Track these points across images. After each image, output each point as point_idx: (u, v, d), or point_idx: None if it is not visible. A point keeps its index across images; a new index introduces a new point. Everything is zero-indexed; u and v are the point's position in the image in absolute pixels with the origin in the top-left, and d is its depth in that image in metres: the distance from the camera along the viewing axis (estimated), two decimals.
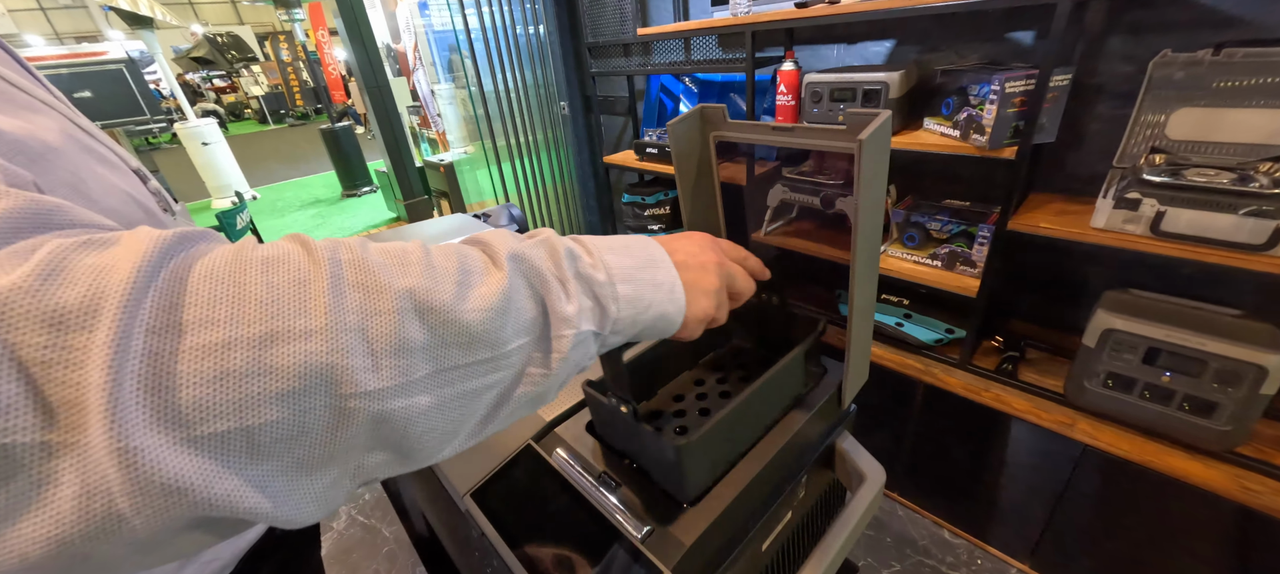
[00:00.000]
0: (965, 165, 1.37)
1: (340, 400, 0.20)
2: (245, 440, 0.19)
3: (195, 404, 0.18)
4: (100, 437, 0.16)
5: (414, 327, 0.22)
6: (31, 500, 0.16)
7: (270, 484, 0.20)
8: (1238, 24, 0.96)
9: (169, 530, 0.18)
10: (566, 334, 0.27)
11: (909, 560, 1.41)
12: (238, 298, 0.19)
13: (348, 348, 0.20)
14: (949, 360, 1.32)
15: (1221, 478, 0.97)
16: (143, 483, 0.17)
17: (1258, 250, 0.86)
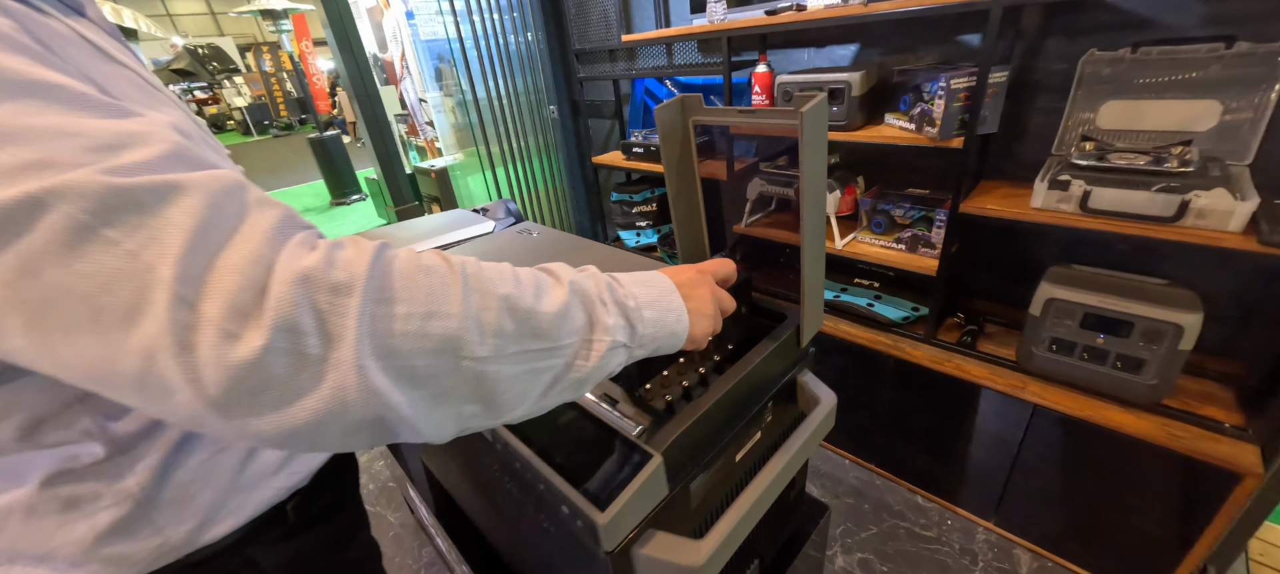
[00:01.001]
0: (923, 156, 1.50)
1: (460, 360, 0.31)
2: (411, 374, 0.29)
3: (391, 348, 0.28)
4: (349, 357, 0.27)
5: (506, 319, 0.33)
6: (310, 389, 0.26)
7: (417, 406, 0.30)
8: (1152, 26, 1.09)
9: (360, 422, 0.28)
10: (604, 340, 0.37)
11: (885, 524, 1.52)
12: (413, 288, 0.29)
13: (468, 328, 0.31)
14: (915, 336, 1.44)
15: (1151, 427, 1.09)
16: (363, 387, 0.27)
17: (1168, 222, 0.98)
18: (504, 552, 0.81)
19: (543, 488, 0.46)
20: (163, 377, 0.24)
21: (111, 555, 0.39)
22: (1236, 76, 1.00)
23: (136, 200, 0.24)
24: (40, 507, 0.37)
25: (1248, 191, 0.94)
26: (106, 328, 0.23)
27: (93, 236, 0.23)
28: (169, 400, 0.25)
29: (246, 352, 0.24)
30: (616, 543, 0.42)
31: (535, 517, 0.53)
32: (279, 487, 0.48)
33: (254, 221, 0.27)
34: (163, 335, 0.23)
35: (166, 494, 0.41)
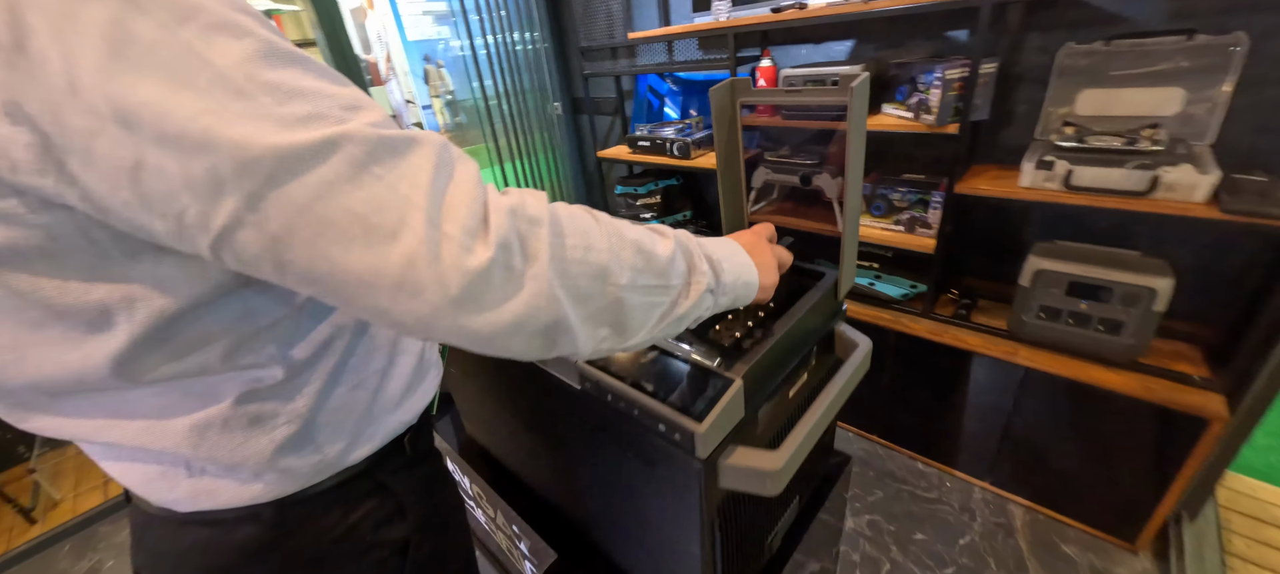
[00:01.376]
0: (918, 144, 1.60)
1: (607, 285, 0.38)
2: (578, 293, 0.36)
3: (567, 270, 0.35)
4: (543, 272, 0.34)
5: (636, 257, 0.40)
6: (514, 295, 0.33)
7: (579, 321, 0.37)
8: (1122, 20, 1.21)
9: (543, 327, 0.35)
10: (700, 284, 0.45)
11: (890, 489, 1.62)
12: (575, 226, 0.37)
13: (613, 260, 0.38)
14: (914, 311, 1.54)
15: (1130, 382, 1.21)
16: (550, 297, 0.34)
17: (1141, 195, 1.09)
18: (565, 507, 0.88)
19: (638, 413, 0.53)
20: (417, 279, 0.30)
21: (284, 467, 0.45)
22: (1198, 66, 1.12)
23: (392, 147, 0.31)
24: (233, 421, 0.42)
25: (1210, 167, 1.06)
26: (375, 241, 0.30)
27: (365, 172, 0.30)
28: (416, 299, 0.31)
29: (478, 261, 0.31)
30: (709, 451, 0.49)
31: (619, 451, 0.60)
32: (399, 421, 0.54)
33: (463, 170, 0.34)
34: (420, 246, 0.30)
35: (323, 417, 0.46)
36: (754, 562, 0.73)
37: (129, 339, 0.36)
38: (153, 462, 0.43)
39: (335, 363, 0.47)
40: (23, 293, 0.34)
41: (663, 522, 0.61)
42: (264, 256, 0.30)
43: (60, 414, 0.41)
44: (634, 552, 0.73)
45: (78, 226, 0.32)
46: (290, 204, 0.29)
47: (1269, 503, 1.47)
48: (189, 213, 0.29)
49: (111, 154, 0.27)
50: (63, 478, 2.07)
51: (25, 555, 1.78)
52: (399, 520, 0.54)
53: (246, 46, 0.29)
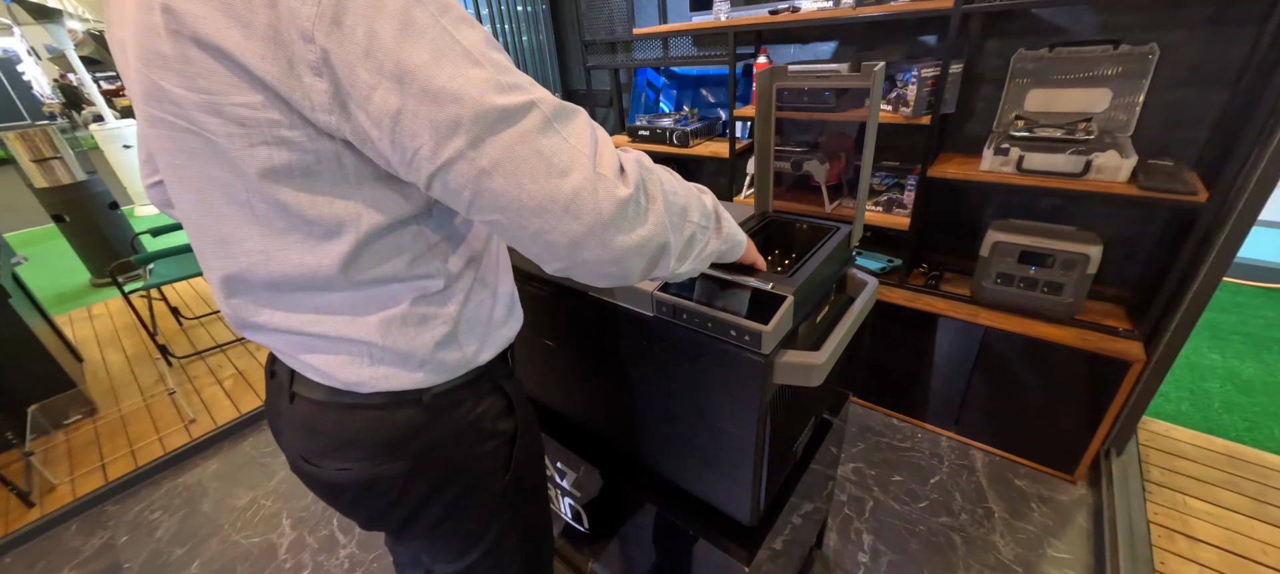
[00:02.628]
0: (894, 135, 1.81)
1: (686, 221, 0.52)
2: (674, 225, 0.49)
3: (668, 206, 0.48)
4: (660, 207, 0.47)
5: (698, 203, 0.55)
6: (643, 222, 0.45)
7: (675, 249, 0.50)
8: (1063, 31, 1.44)
9: (657, 248, 0.47)
10: (725, 227, 0.60)
11: (870, 440, 1.83)
12: (669, 180, 0.50)
13: (689, 203, 0.52)
14: (891, 283, 1.75)
15: (1068, 335, 1.44)
16: (662, 226, 0.47)
17: (1077, 177, 1.32)
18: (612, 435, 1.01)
19: (711, 325, 0.67)
20: (581, 204, 0.42)
21: (438, 360, 0.58)
22: (1121, 71, 1.36)
23: (566, 113, 0.44)
24: (408, 319, 0.54)
25: (1130, 153, 1.29)
26: (556, 174, 0.42)
27: (549, 128, 0.42)
28: (577, 221, 0.42)
29: (623, 193, 0.44)
30: (771, 347, 0.64)
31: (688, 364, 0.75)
32: (505, 336, 0.66)
33: (604, 133, 0.47)
34: (585, 181, 0.42)
35: (463, 322, 0.59)
36: (784, 463, 0.89)
37: (353, 244, 0.48)
38: (346, 351, 0.55)
39: (472, 280, 0.60)
40: (285, 204, 0.46)
41: (721, 419, 0.76)
42: (466, 186, 0.42)
43: (286, 309, 0.53)
44: (685, 458, 0.88)
45: (335, 154, 0.44)
46: (500, 145, 0.40)
47: (1179, 441, 1.75)
48: (424, 148, 0.40)
49: (383, 103, 0.39)
50: (57, 463, 2.04)
51: (29, 536, 1.76)
52: (509, 416, 0.68)
53: (480, 33, 0.42)
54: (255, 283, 0.51)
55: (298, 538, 1.67)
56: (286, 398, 0.62)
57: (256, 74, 0.39)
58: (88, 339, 2.94)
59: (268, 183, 0.44)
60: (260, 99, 0.40)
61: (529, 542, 0.76)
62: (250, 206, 0.46)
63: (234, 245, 0.49)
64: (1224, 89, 1.27)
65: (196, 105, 0.41)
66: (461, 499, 0.65)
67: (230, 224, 0.48)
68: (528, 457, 0.71)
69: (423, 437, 0.60)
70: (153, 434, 2.14)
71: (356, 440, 0.59)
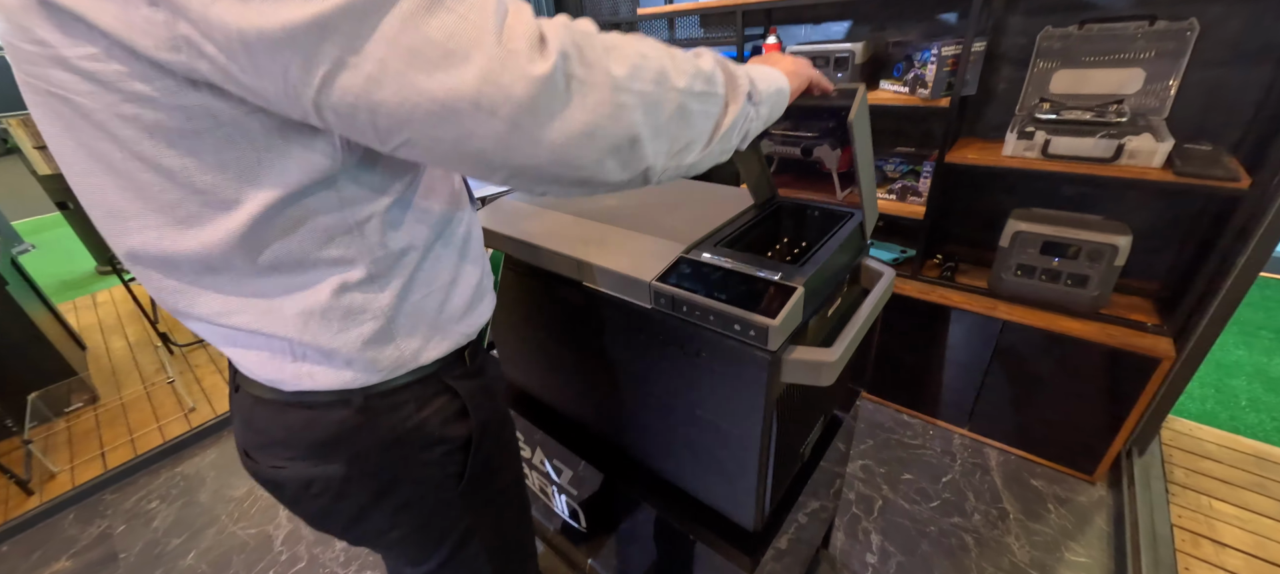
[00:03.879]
0: (908, 120, 1.73)
1: (667, 89, 0.40)
2: (643, 98, 0.39)
3: (629, 72, 0.38)
4: (604, 78, 0.36)
5: (687, 63, 0.43)
6: (580, 100, 0.36)
7: (650, 135, 0.40)
8: (1093, 6, 1.35)
9: (616, 138, 0.38)
10: (741, 89, 0.49)
11: (879, 437, 1.77)
12: (624, 41, 0.40)
13: (667, 65, 0.40)
14: (904, 274, 1.68)
15: (1093, 330, 1.37)
16: (615, 104, 0.37)
17: (1108, 161, 1.24)
18: (609, 432, 0.96)
19: (713, 319, 0.62)
20: (491, 95, 0.34)
21: (369, 358, 0.51)
22: (1156, 49, 1.27)
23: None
24: (330, 312, 0.48)
25: (1166, 137, 1.21)
26: (454, 63, 0.34)
27: (440, 5, 0.34)
28: (494, 117, 0.35)
29: (543, 68, 0.34)
30: (779, 343, 0.59)
31: (688, 359, 0.69)
32: (461, 332, 0.60)
33: (518, 3, 0.37)
34: (490, 62, 0.34)
35: (401, 318, 0.52)
36: (790, 465, 0.84)
37: (250, 217, 0.41)
38: (265, 347, 0.50)
39: (410, 272, 0.52)
40: (171, 170, 0.39)
41: (724, 419, 0.70)
42: (360, 103, 0.34)
43: (199, 293, 0.47)
44: (685, 460, 0.83)
45: (206, 109, 0.37)
46: (381, 38, 0.32)
47: (1203, 440, 1.68)
48: (293, 68, 0.33)
49: (228, 20, 0.32)
50: (57, 451, 2.03)
51: (26, 525, 1.76)
52: (463, 420, 0.60)
53: None
54: (149, 260, 0.45)
55: (294, 530, 1.65)
56: (233, 387, 0.58)
57: (86, 17, 0.33)
58: (91, 326, 2.94)
59: (146, 146, 0.38)
60: (99, 49, 0.34)
61: (499, 545, 0.71)
62: (130, 176, 0.40)
63: (125, 220, 0.43)
64: (1269, 68, 1.18)
65: (45, 60, 0.36)
66: (406, 508, 0.60)
67: (114, 195, 0.42)
68: (489, 462, 0.65)
69: (356, 441, 0.54)
70: (153, 422, 2.13)
71: (288, 440, 0.54)
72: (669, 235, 0.78)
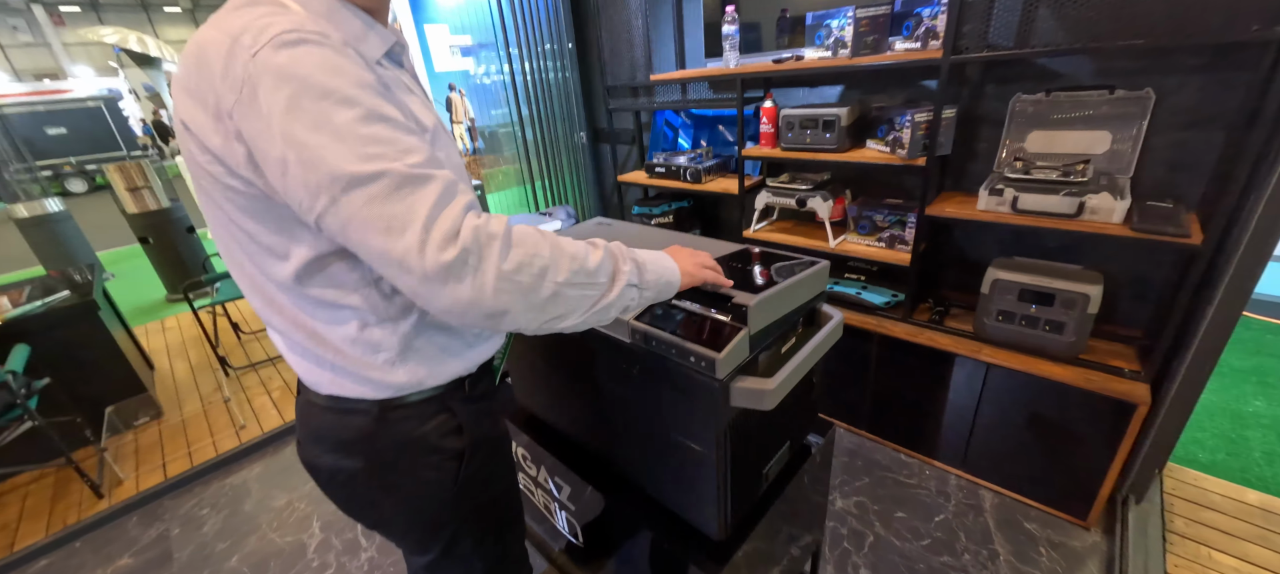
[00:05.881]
0: (897, 174, 1.86)
1: (545, 281, 0.56)
2: (520, 287, 0.54)
3: (514, 268, 0.53)
4: (492, 268, 0.52)
5: (572, 263, 0.58)
6: (470, 280, 0.51)
7: (523, 310, 0.55)
8: (1060, 77, 1.48)
9: (486, 310, 0.53)
10: (621, 281, 0.65)
11: (875, 475, 1.82)
12: (526, 241, 0.55)
13: (554, 262, 0.57)
14: (895, 317, 1.78)
15: (1072, 374, 1.43)
16: (494, 287, 0.52)
17: (1071, 217, 1.34)
18: (603, 452, 1.09)
19: (675, 352, 0.76)
20: (410, 263, 0.50)
21: (382, 380, 0.67)
22: (1119, 114, 1.38)
23: (416, 181, 0.50)
24: (358, 342, 0.65)
25: (1126, 194, 1.31)
26: (392, 235, 0.50)
27: (395, 193, 0.50)
28: (408, 275, 0.50)
29: (448, 256, 0.50)
30: (726, 373, 0.72)
31: (656, 386, 0.83)
32: (460, 367, 0.74)
33: (457, 201, 0.52)
34: (414, 242, 0.49)
35: (410, 353, 0.68)
36: (754, 486, 0.95)
37: (298, 266, 0.60)
38: (313, 360, 0.68)
39: (417, 318, 0.68)
40: (249, 232, 0.59)
41: (688, 438, 0.83)
42: (337, 231, 0.51)
43: (278, 311, 0.65)
44: (661, 475, 0.95)
45: (265, 199, 0.56)
46: (351, 204, 0.49)
47: (1208, 491, 1.67)
48: (304, 201, 0.50)
49: (277, 164, 0.50)
50: (125, 460, 2.27)
51: (96, 525, 1.98)
52: (457, 435, 0.74)
53: (355, 113, 0.50)
54: (247, 286, 0.65)
55: (325, 539, 1.81)
56: (299, 391, 0.75)
57: (203, 140, 0.53)
58: (159, 349, 3.27)
59: (236, 214, 0.58)
60: (212, 157, 0.54)
61: (488, 548, 0.84)
62: (231, 232, 0.60)
63: (232, 261, 0.64)
64: (1222, 132, 1.27)
65: (193, 161, 0.56)
66: (409, 501, 0.74)
67: (225, 244, 0.63)
68: (480, 473, 0.78)
69: (373, 441, 0.70)
70: (208, 437, 2.36)
71: (324, 436, 0.71)
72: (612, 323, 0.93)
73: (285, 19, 0.51)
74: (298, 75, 0.49)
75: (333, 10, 0.58)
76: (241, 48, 0.49)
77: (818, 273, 0.92)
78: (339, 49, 0.52)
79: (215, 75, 0.50)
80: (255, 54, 0.48)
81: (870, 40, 1.56)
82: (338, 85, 0.50)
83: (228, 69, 0.49)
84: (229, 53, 0.49)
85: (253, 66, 0.48)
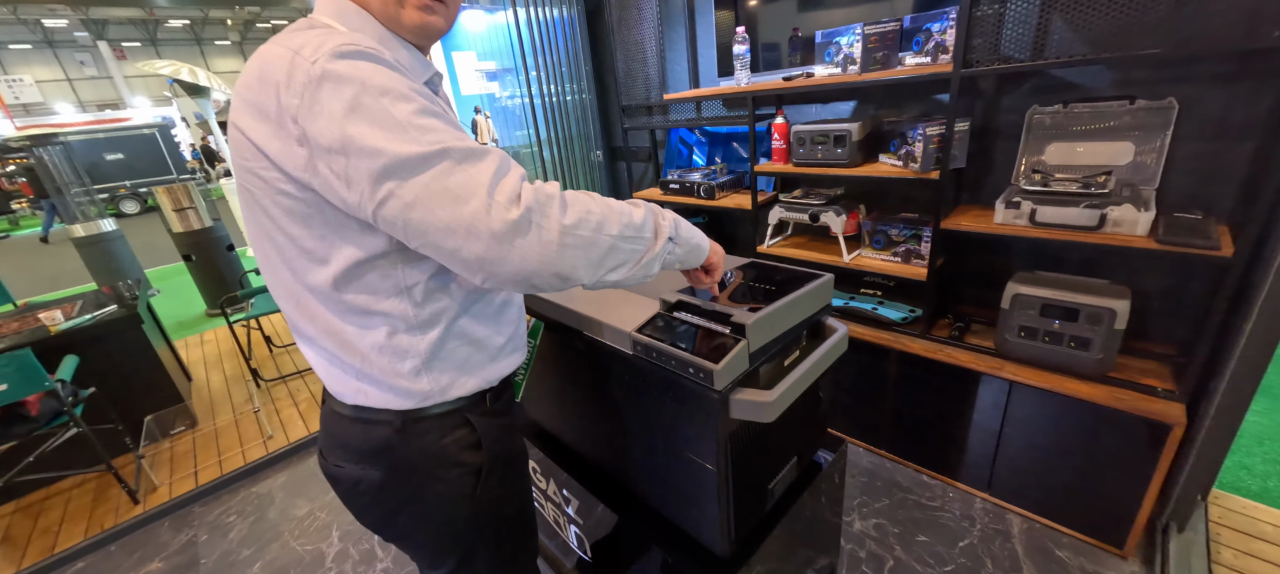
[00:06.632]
0: (912, 187, 1.84)
1: (602, 234, 0.60)
2: (579, 241, 0.58)
3: (573, 224, 0.58)
4: (554, 225, 0.56)
5: (621, 217, 0.63)
6: (537, 237, 0.56)
7: (586, 266, 0.60)
8: (1077, 88, 1.45)
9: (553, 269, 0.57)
10: (664, 233, 0.68)
11: (896, 497, 1.76)
12: (578, 201, 0.59)
13: (607, 218, 0.62)
14: (913, 333, 1.74)
15: (1101, 393, 1.37)
16: (558, 243, 0.57)
17: (1092, 230, 1.30)
18: (609, 465, 1.10)
19: (674, 364, 0.76)
20: (477, 226, 0.54)
21: (411, 388, 0.70)
22: (1142, 124, 1.34)
23: (475, 155, 0.55)
24: (386, 349, 0.67)
25: (1150, 206, 1.26)
26: (459, 203, 0.54)
27: (458, 167, 0.54)
28: (476, 239, 0.53)
29: (514, 215, 0.54)
30: (724, 385, 0.72)
31: (658, 397, 0.84)
32: (484, 379, 0.76)
33: (514, 170, 0.57)
34: (480, 205, 0.54)
35: (436, 361, 0.70)
36: (759, 501, 0.94)
37: (338, 270, 0.62)
38: (340, 369, 0.70)
39: (445, 326, 0.70)
40: (293, 236, 0.62)
41: (689, 448, 0.83)
42: (398, 217, 0.54)
43: (310, 320, 0.68)
44: (667, 490, 0.95)
45: (316, 203, 0.59)
46: (418, 184, 0.53)
47: (1259, 520, 1.56)
48: (366, 191, 0.53)
49: (339, 157, 0.53)
50: (161, 467, 2.38)
51: (131, 529, 2.06)
52: (477, 450, 0.76)
53: (413, 106, 0.54)
54: (282, 293, 0.68)
55: (343, 549, 1.84)
56: (323, 400, 0.78)
57: (262, 147, 0.56)
58: (197, 361, 3.42)
59: (283, 220, 0.61)
60: (268, 164, 0.57)
61: (503, 565, 0.84)
62: (273, 239, 0.63)
63: (269, 268, 0.67)
64: (1251, 143, 1.22)
65: (244, 170, 0.60)
66: (427, 514, 0.75)
67: (263, 251, 0.66)
68: (497, 489, 0.79)
69: (395, 452, 0.72)
70: (237, 446, 2.45)
71: (347, 445, 0.73)
72: (656, 295, 0.94)
73: (343, 37, 0.56)
74: (357, 77, 0.53)
75: (384, 37, 0.64)
76: (303, 58, 0.53)
77: (821, 286, 0.91)
78: (392, 65, 0.57)
79: (278, 84, 0.53)
80: (315, 61, 0.53)
81: (879, 56, 1.56)
82: (395, 84, 0.54)
83: (291, 77, 0.53)
84: (291, 63, 0.53)
85: (314, 71, 0.52)
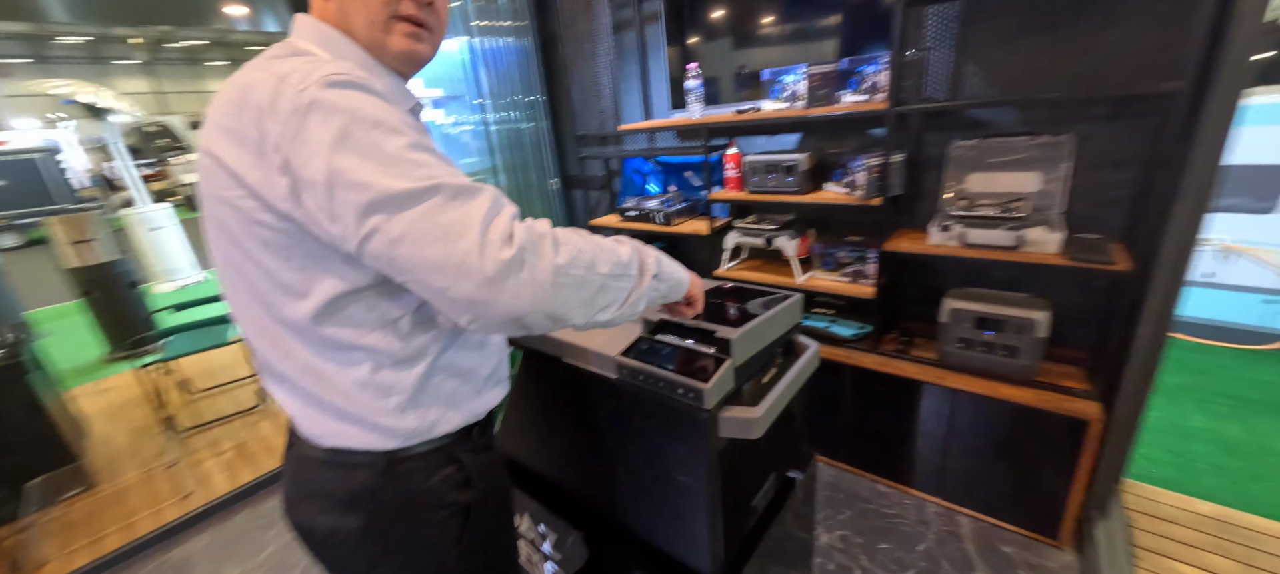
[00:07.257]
0: (856, 213, 1.98)
1: (593, 272, 0.58)
2: (570, 280, 0.56)
3: (565, 263, 0.55)
4: (547, 265, 0.54)
5: (611, 256, 0.63)
6: (528, 278, 0.53)
7: (576, 305, 0.58)
8: (989, 125, 1.64)
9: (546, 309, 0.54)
10: (650, 268, 0.69)
11: (857, 507, 1.83)
12: (570, 239, 0.57)
13: (596, 257, 0.61)
14: (864, 348, 1.85)
15: (1030, 396, 1.52)
16: (550, 283, 0.54)
17: (1012, 249, 1.46)
18: (588, 493, 1.07)
19: (662, 385, 0.77)
20: (469, 265, 0.52)
21: (395, 426, 0.65)
22: (1045, 157, 1.54)
23: (467, 192, 0.52)
24: (369, 386, 0.63)
25: (1059, 228, 1.44)
26: (449, 241, 0.52)
27: (450, 204, 0.53)
28: (467, 278, 0.50)
29: (506, 255, 0.51)
30: (713, 403, 0.74)
31: (645, 420, 0.84)
32: (471, 413, 0.73)
33: (507, 208, 0.55)
34: (473, 245, 0.51)
35: (423, 395, 0.67)
36: (743, 518, 0.95)
37: (318, 304, 0.59)
38: (316, 408, 0.65)
39: (430, 361, 0.67)
40: (269, 270, 0.58)
41: (677, 470, 0.84)
42: (384, 253, 0.51)
43: (284, 356, 0.63)
44: (649, 512, 0.94)
45: (297, 234, 0.56)
46: (406, 220, 0.50)
47: (1163, 504, 1.76)
48: (350, 225, 0.51)
49: (323, 189, 0.51)
50: (51, 537, 2.05)
51: None
52: (465, 489, 0.72)
53: (402, 141, 0.53)
54: (254, 329, 0.63)
55: None
56: (289, 445, 0.72)
57: (240, 175, 0.53)
58: (97, 413, 3.01)
59: (258, 252, 0.57)
60: (245, 192, 0.54)
61: None
62: (243, 272, 0.59)
63: (239, 302, 0.63)
64: (1133, 172, 1.43)
65: (215, 199, 0.56)
66: (411, 562, 0.70)
67: (233, 284, 0.62)
68: (485, 527, 0.75)
69: (377, 497, 0.67)
70: (149, 507, 2.17)
71: (321, 493, 0.67)
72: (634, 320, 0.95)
73: (331, 66, 0.54)
74: (348, 108, 0.51)
75: (368, 65, 0.62)
76: (289, 85, 0.51)
77: (792, 305, 0.96)
78: (383, 95, 0.55)
79: (260, 110, 0.51)
80: (304, 89, 0.50)
81: (822, 94, 1.70)
82: (386, 117, 0.53)
83: (276, 104, 0.50)
84: (276, 90, 0.51)
85: (302, 99, 0.50)
